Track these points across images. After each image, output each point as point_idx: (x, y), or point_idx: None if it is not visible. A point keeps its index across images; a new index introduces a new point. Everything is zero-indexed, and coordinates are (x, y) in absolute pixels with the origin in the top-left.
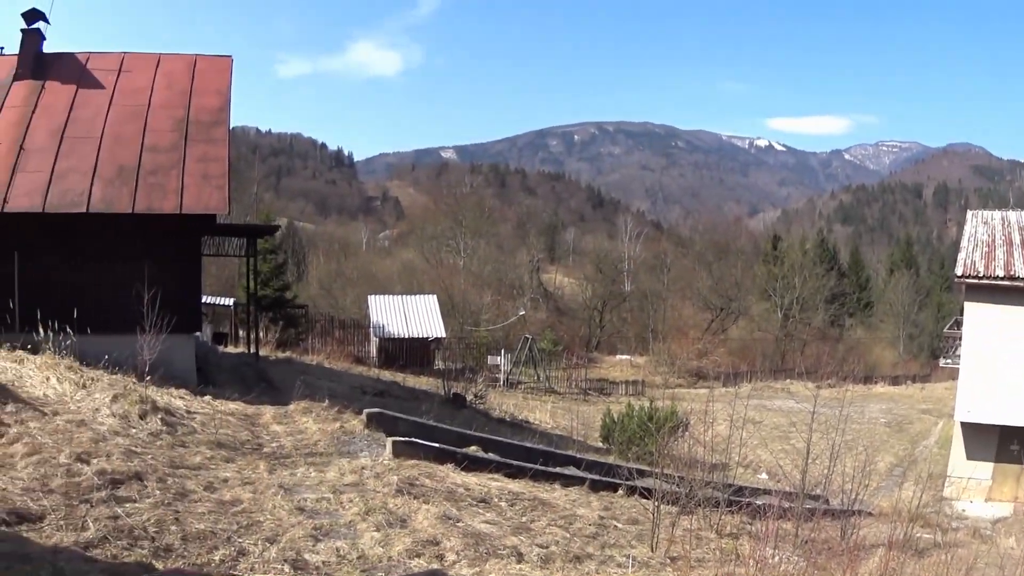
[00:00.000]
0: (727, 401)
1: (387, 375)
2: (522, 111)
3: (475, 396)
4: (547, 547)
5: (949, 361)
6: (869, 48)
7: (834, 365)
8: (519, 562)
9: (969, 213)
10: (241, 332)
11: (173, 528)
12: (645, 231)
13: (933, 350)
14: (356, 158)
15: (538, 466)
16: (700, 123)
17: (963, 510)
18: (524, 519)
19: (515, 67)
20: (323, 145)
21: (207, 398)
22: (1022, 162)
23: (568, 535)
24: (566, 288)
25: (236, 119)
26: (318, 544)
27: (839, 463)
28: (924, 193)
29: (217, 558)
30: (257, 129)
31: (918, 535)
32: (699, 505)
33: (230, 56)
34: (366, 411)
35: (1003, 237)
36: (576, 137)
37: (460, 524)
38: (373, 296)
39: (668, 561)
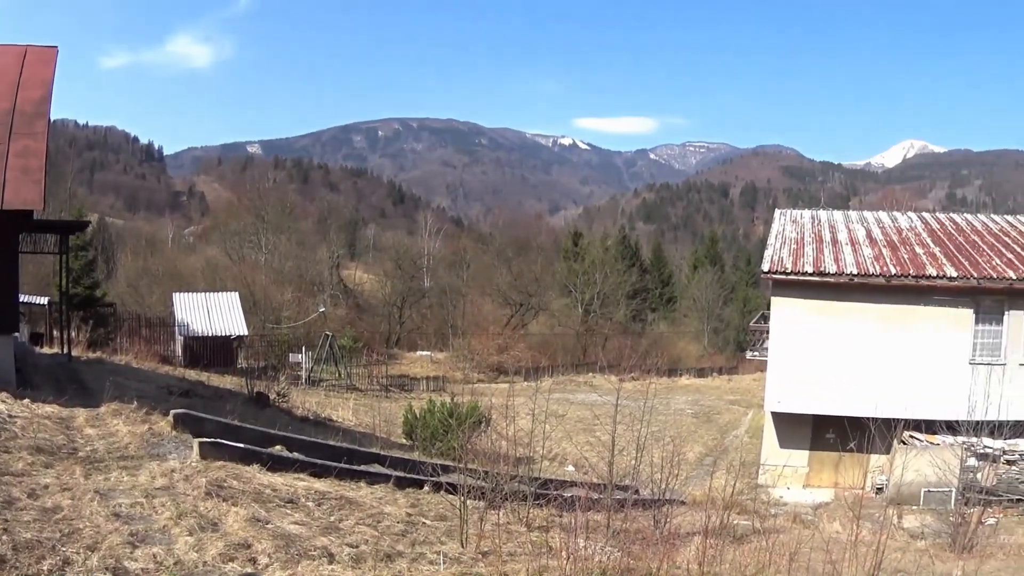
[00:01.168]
0: (529, 395)
1: (192, 375)
2: (328, 106)
3: (278, 395)
4: (357, 546)
5: (756, 353)
6: (679, 50)
7: (637, 358)
8: (331, 563)
9: (777, 212)
10: (56, 332)
11: (4, 538)
12: (445, 227)
13: (739, 343)
14: (166, 152)
15: (343, 465)
16: (506, 121)
17: (780, 497)
18: (332, 519)
19: (324, 62)
20: (135, 139)
21: (26, 401)
22: (834, 163)
23: (377, 534)
24: (366, 285)
25: (57, 111)
26: (136, 551)
27: (647, 454)
28: (731, 192)
29: (45, 568)
30: (75, 122)
31: (735, 522)
32: (506, 499)
33: (55, 47)
34: (173, 412)
35: (813, 234)
36: (380, 133)
37: (270, 526)
38: (178, 294)
39: (480, 556)
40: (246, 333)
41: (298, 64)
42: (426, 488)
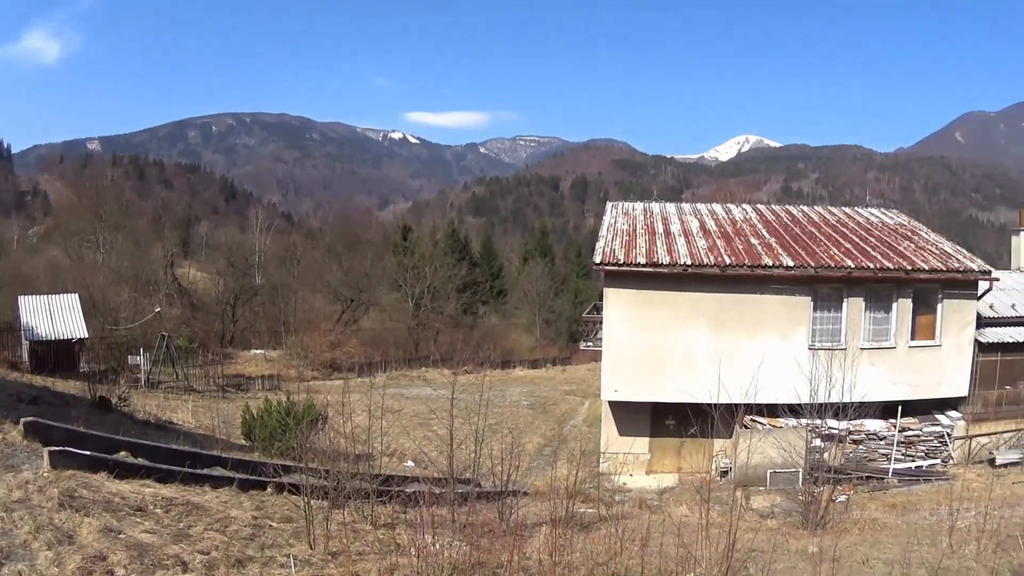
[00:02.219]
0: (364, 391)
1: (39, 380)
2: (165, 101)
3: (120, 399)
4: (208, 553)
5: (590, 344)
6: (512, 45)
7: (470, 351)
8: (185, 571)
9: (609, 204)
10: None
11: None
12: (276, 223)
13: (572, 334)
14: (14, 150)
15: (187, 469)
16: (337, 115)
17: (624, 484)
18: (181, 525)
19: (163, 56)
20: None
21: None
22: (667, 157)
23: (226, 539)
24: (200, 283)
25: None
26: (1, 570)
27: (486, 446)
28: (562, 186)
29: None
30: None
31: (581, 510)
32: (349, 497)
33: None
34: (23, 421)
35: (645, 226)
36: (214, 128)
37: (123, 536)
38: (23, 297)
39: (329, 558)
40: (86, 336)
41: (139, 59)
42: (269, 489)
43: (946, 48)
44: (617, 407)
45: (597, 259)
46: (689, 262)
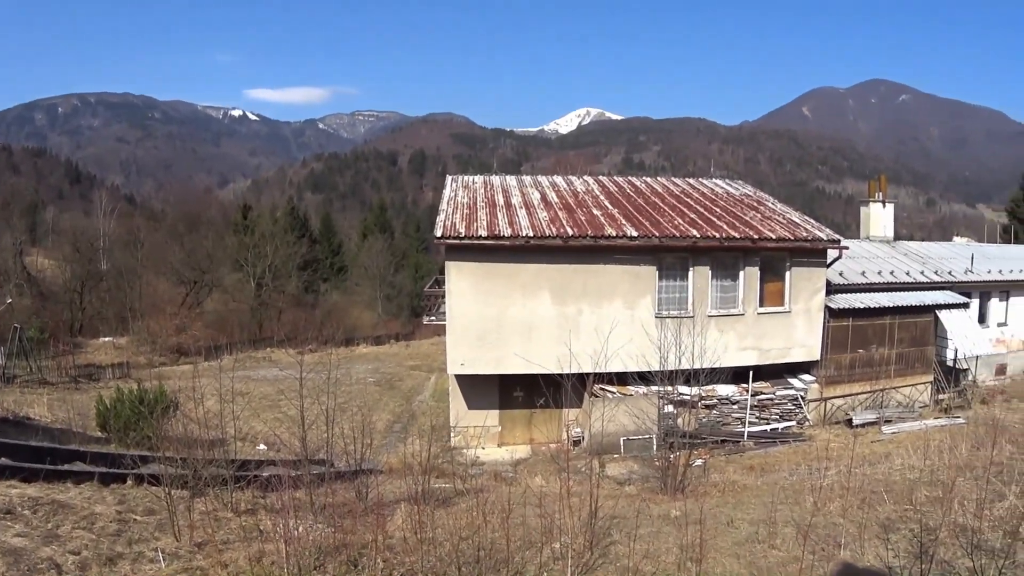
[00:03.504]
0: (213, 375)
1: None
2: (15, 84)
3: None
4: (79, 553)
5: (433, 318)
6: (350, 20)
7: (313, 330)
8: (60, 574)
9: (449, 177)
10: None
11: None
12: (120, 206)
13: (414, 309)
14: None
15: (49, 466)
16: (179, 93)
17: (477, 457)
18: (50, 526)
19: (12, 39)
20: None
21: None
22: (506, 130)
23: (95, 536)
24: (48, 271)
25: None
26: None
27: (337, 425)
28: (400, 160)
29: None
30: None
31: (437, 486)
32: (208, 485)
33: None
34: None
35: (486, 199)
36: (60, 110)
37: None
38: None
39: (196, 549)
40: None
41: None
42: (129, 482)
43: (796, 25)
44: (464, 380)
45: (438, 233)
46: (531, 234)
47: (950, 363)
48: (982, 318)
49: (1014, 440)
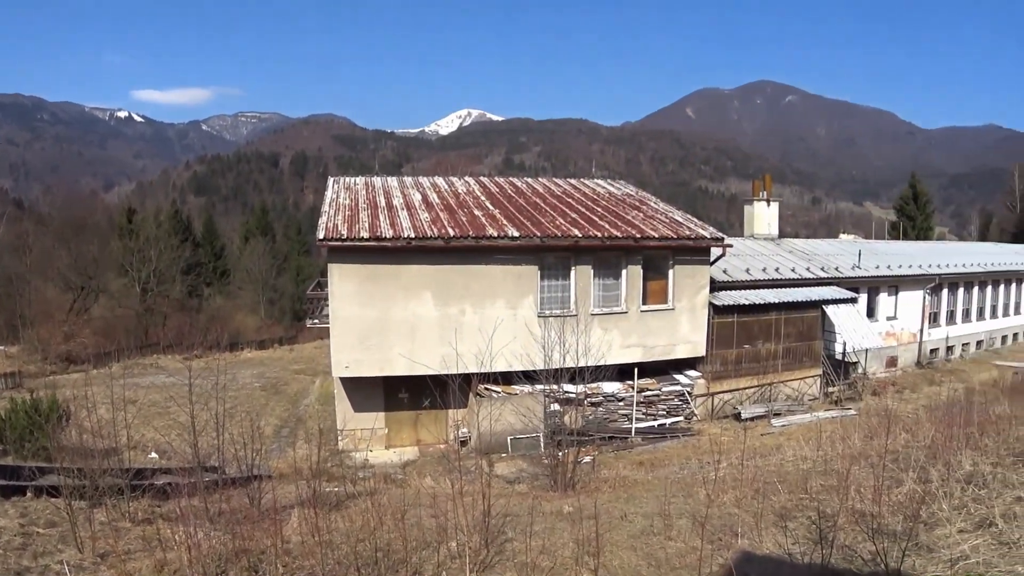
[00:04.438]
0: (103, 383)
1: None
2: None
3: None
4: None
5: (316, 321)
6: (233, 20)
7: (198, 335)
8: None
9: (330, 179)
10: None
11: None
12: (8, 211)
13: (296, 312)
14: None
15: None
16: (68, 94)
17: (366, 460)
18: None
19: None
20: None
21: None
22: (387, 132)
23: (1, 552)
24: None
25: None
26: None
27: (226, 431)
28: (281, 162)
29: None
30: None
31: (328, 489)
32: (105, 495)
33: None
34: None
35: (367, 201)
36: None
37: None
38: None
39: (100, 560)
40: None
41: None
42: (29, 494)
43: (680, 27)
44: (349, 383)
45: (320, 235)
46: (413, 235)
47: (839, 357)
48: (871, 313)
49: (908, 429)
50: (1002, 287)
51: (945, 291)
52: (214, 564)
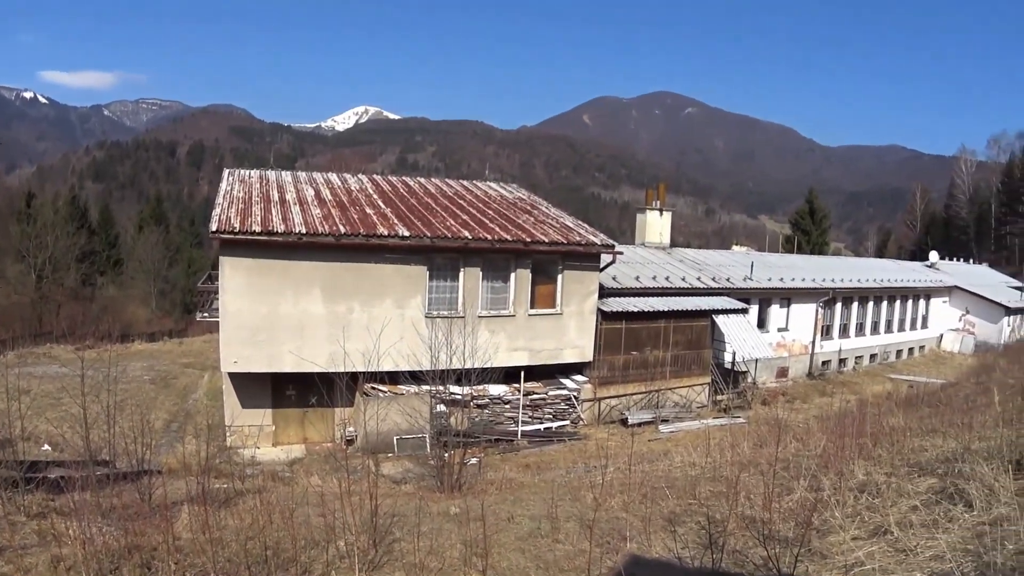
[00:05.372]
0: None
1: None
2: None
3: None
4: None
5: (206, 315)
6: (141, 5)
7: (91, 325)
8: None
9: (226, 171)
10: None
11: None
12: None
13: (187, 305)
14: None
15: None
16: None
17: (253, 457)
18: None
19: None
20: None
21: None
22: (284, 125)
23: None
24: None
25: None
26: None
27: (117, 425)
28: (179, 151)
29: None
30: None
31: (217, 486)
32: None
33: None
34: None
35: (261, 194)
36: None
37: None
38: None
39: None
40: None
41: None
42: None
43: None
44: (238, 379)
45: (213, 227)
46: (304, 231)
47: (728, 366)
48: (762, 323)
49: (799, 438)
50: (898, 303)
51: (839, 305)
52: (108, 560)
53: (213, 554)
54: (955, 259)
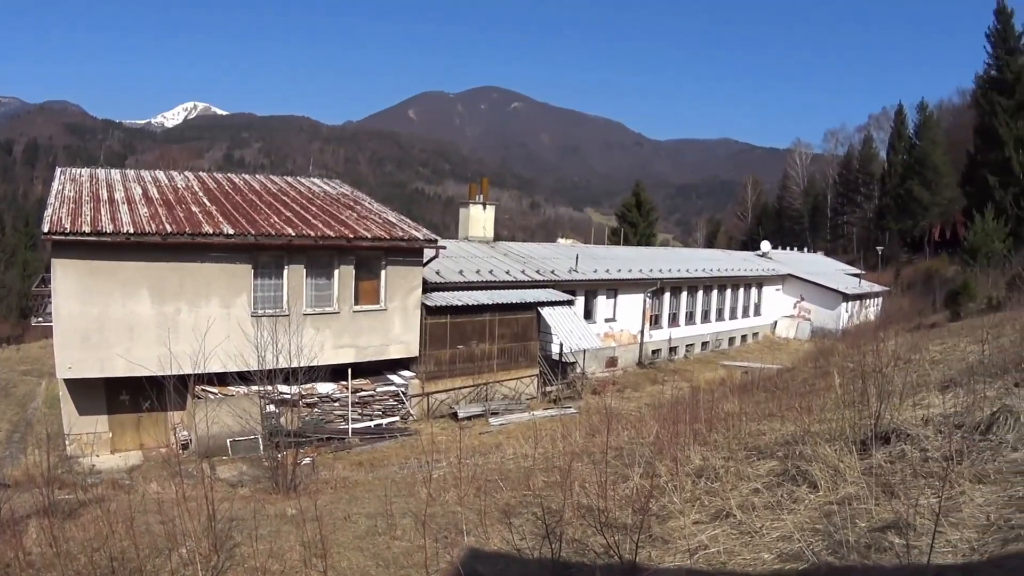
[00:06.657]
0: None
1: None
2: None
3: None
4: None
5: (41, 319)
6: None
7: None
8: None
9: (58, 170)
10: None
11: None
12: None
13: (23, 309)
14: None
15: None
16: None
17: (93, 465)
18: None
19: None
20: None
21: None
22: (115, 122)
23: None
24: None
25: None
26: None
27: None
28: (15, 150)
29: None
30: None
31: (62, 497)
32: None
33: None
34: None
35: (91, 194)
36: None
37: None
38: None
39: None
40: None
41: None
42: None
43: (406, 27)
44: (73, 385)
45: (45, 228)
46: (132, 230)
47: (556, 357)
48: (588, 315)
49: (632, 426)
50: (729, 291)
51: (668, 295)
52: None
53: (62, 568)
54: (789, 248)
